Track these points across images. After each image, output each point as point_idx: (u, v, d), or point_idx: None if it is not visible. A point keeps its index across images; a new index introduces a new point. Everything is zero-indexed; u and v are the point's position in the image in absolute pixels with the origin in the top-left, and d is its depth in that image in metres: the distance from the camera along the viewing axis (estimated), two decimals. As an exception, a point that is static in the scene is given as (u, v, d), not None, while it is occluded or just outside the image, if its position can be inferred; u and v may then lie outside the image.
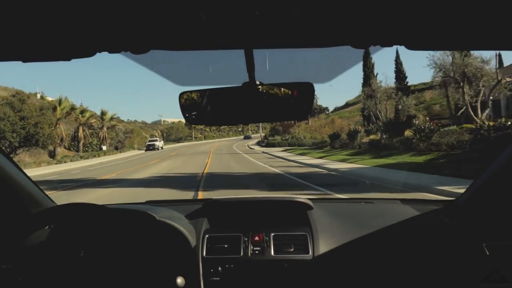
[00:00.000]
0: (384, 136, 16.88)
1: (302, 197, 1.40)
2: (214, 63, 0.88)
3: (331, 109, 63.71)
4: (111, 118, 41.72)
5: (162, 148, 37.16)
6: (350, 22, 0.64)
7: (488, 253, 1.08)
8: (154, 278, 1.13)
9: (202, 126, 74.75)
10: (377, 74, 25.06)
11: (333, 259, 1.22)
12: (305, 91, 0.89)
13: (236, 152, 24.23)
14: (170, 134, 67.01)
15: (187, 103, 0.91)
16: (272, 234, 1.27)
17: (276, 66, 0.89)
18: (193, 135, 69.51)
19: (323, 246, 1.23)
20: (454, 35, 0.68)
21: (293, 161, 15.06)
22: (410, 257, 1.19)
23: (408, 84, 28.29)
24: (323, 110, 57.21)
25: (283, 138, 32.48)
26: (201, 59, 0.85)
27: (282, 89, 0.90)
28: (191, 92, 0.91)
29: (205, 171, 11.64)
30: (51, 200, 1.30)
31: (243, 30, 0.66)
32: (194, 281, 1.17)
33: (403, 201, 1.59)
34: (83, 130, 35.02)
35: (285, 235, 1.27)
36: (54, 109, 30.54)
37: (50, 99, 41.91)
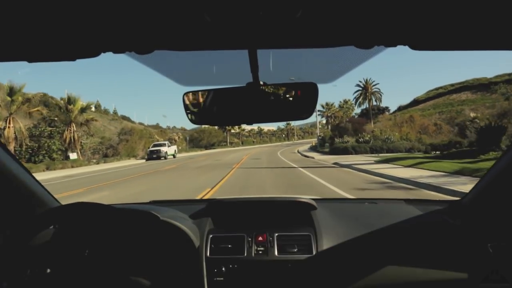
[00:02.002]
0: None
1: (305, 197, 1.39)
2: (218, 63, 0.89)
3: (392, 108, 54.94)
4: (84, 109, 26.08)
5: (174, 156, 28.75)
6: (354, 23, 0.64)
7: (492, 253, 1.07)
8: (158, 278, 1.15)
9: (240, 130, 68.66)
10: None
11: (336, 259, 1.21)
12: (309, 91, 0.89)
13: (284, 164, 14.76)
14: (202, 139, 56.34)
15: (191, 103, 0.93)
16: (276, 234, 1.27)
17: (280, 66, 0.89)
18: (228, 140, 59.98)
19: (327, 246, 1.22)
20: (458, 35, 0.67)
21: None
22: (414, 257, 1.18)
23: None
24: (382, 110, 49.09)
25: (361, 140, 21.74)
26: (205, 59, 0.86)
27: (286, 89, 0.90)
28: (195, 92, 0.93)
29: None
30: (55, 200, 1.33)
31: (247, 30, 0.67)
32: (198, 281, 1.19)
33: (407, 201, 1.57)
34: (12, 126, 20.37)
35: (289, 235, 1.27)
36: None
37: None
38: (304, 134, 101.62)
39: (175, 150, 29.98)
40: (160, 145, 28.36)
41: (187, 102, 0.93)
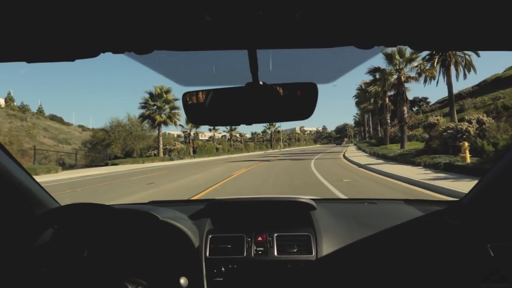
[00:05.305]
0: None
1: (305, 197, 1.39)
2: (218, 63, 0.89)
3: (432, 100, 42.21)
4: None
5: None
6: (354, 23, 0.64)
7: (492, 254, 1.07)
8: (158, 278, 1.15)
9: (189, 127, 36.75)
10: None
11: (336, 259, 1.21)
12: (309, 91, 0.88)
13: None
14: (110, 142, 29.61)
15: (190, 104, 0.93)
16: (275, 235, 1.27)
17: (279, 66, 0.89)
18: (160, 146, 29.46)
19: (326, 246, 1.23)
20: (458, 35, 0.67)
21: None
22: (414, 257, 1.18)
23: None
24: (418, 102, 34.28)
25: None
26: (205, 59, 0.85)
27: (286, 89, 0.89)
28: (194, 92, 0.92)
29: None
30: (55, 201, 1.32)
31: (247, 30, 0.67)
32: (197, 281, 1.18)
33: (407, 201, 1.58)
34: None
35: (288, 236, 1.27)
36: None
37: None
38: (290, 140, 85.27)
39: None
40: None
41: (187, 103, 0.93)
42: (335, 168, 13.03)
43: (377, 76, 22.96)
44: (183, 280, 1.12)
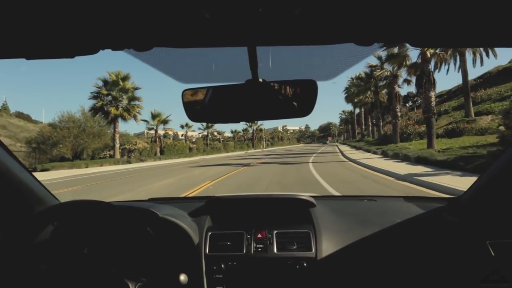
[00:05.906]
0: None
1: (304, 194, 1.39)
2: (217, 60, 0.89)
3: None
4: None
5: None
6: (354, 20, 0.64)
7: (491, 251, 1.08)
8: (158, 275, 1.15)
9: (156, 123, 30.78)
10: None
11: (336, 256, 1.22)
12: (308, 88, 0.88)
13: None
14: (59, 140, 23.88)
15: (190, 101, 0.93)
16: (275, 232, 1.28)
17: (279, 63, 0.89)
18: (116, 145, 24.93)
19: (326, 243, 1.23)
20: (457, 32, 0.67)
21: None
22: (413, 254, 1.18)
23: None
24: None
25: None
26: (204, 56, 0.85)
27: (285, 86, 0.89)
28: (194, 89, 0.92)
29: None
30: (54, 198, 1.33)
31: (247, 27, 0.67)
32: (197, 278, 1.19)
33: (406, 198, 1.58)
34: None
35: (288, 233, 1.28)
36: None
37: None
38: (273, 139, 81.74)
39: None
40: None
41: (186, 100, 0.93)
42: (364, 186, 7.22)
43: (383, 58, 19.00)
44: (183, 277, 1.13)
